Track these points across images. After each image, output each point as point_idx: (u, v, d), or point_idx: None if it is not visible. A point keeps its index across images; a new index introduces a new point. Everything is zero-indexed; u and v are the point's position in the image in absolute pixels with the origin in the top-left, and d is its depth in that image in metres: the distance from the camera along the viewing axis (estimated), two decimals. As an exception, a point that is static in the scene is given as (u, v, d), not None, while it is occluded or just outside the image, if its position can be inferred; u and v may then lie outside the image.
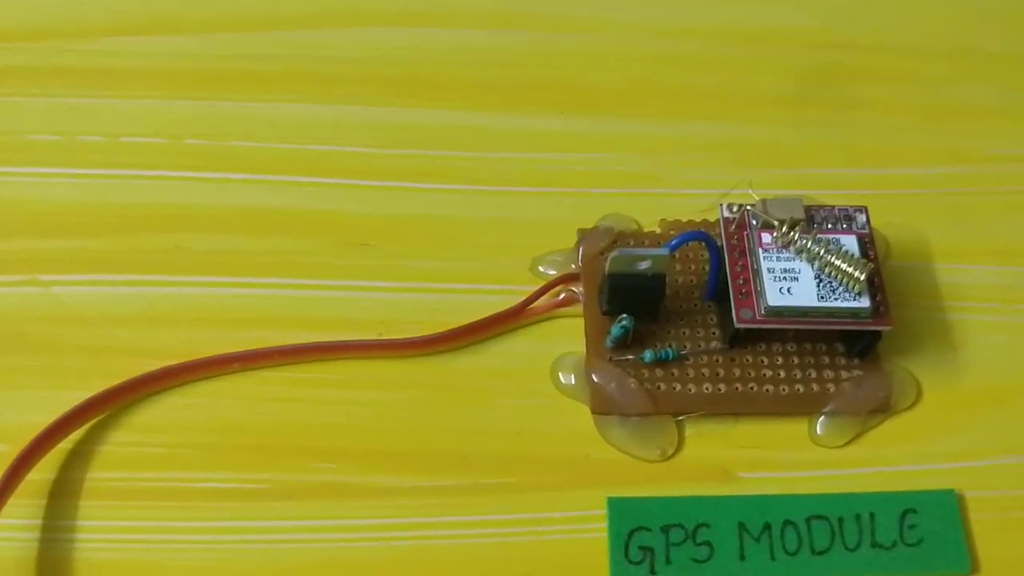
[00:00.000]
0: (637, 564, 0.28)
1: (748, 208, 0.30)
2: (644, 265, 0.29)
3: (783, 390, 0.30)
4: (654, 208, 0.33)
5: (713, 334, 0.31)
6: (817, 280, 0.29)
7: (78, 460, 0.29)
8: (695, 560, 0.28)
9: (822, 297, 0.29)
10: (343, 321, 0.31)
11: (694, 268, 0.32)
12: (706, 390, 0.30)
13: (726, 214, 0.30)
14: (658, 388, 0.30)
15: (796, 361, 0.30)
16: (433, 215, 0.33)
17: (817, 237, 0.29)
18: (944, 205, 0.34)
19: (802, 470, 0.30)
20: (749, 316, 0.29)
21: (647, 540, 0.28)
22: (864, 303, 0.29)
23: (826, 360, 0.30)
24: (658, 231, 0.33)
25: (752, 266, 0.30)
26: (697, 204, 0.33)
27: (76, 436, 0.29)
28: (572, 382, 0.30)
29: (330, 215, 0.33)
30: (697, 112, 0.36)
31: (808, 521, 0.29)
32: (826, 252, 0.29)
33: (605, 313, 0.30)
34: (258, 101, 0.35)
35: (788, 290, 0.29)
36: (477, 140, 0.35)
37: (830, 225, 0.30)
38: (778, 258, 0.29)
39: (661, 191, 0.34)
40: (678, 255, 0.32)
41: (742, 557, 0.28)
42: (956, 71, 0.37)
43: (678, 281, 0.32)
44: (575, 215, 0.33)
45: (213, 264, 0.32)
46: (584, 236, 0.32)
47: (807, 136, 0.35)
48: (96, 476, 0.29)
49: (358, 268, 0.32)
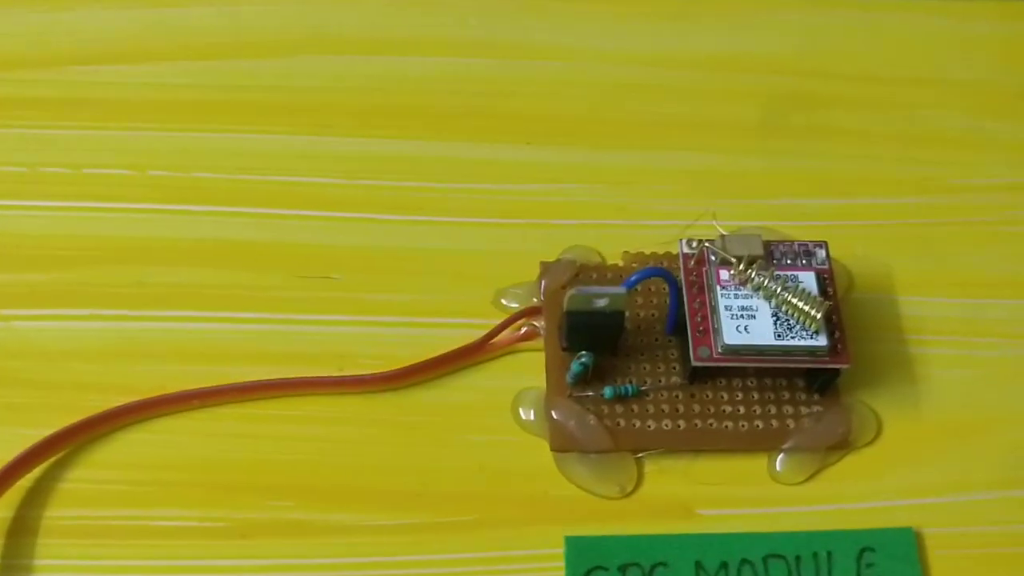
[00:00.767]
0: (594, 603, 0.28)
1: (707, 244, 0.30)
2: (602, 303, 0.29)
3: (743, 426, 0.30)
4: (618, 240, 0.33)
5: (674, 369, 0.31)
6: (774, 318, 0.29)
7: (37, 498, 0.29)
8: (652, 599, 0.28)
9: (779, 335, 0.29)
10: (304, 356, 0.31)
11: (656, 302, 0.32)
12: (666, 426, 0.30)
13: (686, 250, 0.30)
14: (618, 424, 0.30)
15: (756, 397, 0.30)
16: (397, 247, 0.33)
17: (775, 274, 0.29)
18: (908, 236, 0.34)
19: (761, 507, 0.30)
20: (707, 354, 0.29)
21: (604, 579, 0.28)
22: (821, 341, 0.29)
23: (786, 395, 0.30)
24: (620, 264, 0.33)
25: (710, 303, 0.30)
26: (661, 236, 0.33)
27: (35, 474, 0.29)
28: (532, 418, 0.30)
29: (294, 247, 0.33)
30: (663, 141, 0.36)
31: (765, 560, 0.29)
32: (783, 290, 0.29)
33: (565, 349, 0.30)
34: (223, 132, 0.35)
35: (745, 328, 0.29)
36: (441, 171, 0.35)
37: (789, 261, 0.30)
38: (736, 295, 0.29)
39: (625, 222, 0.34)
40: (640, 288, 0.32)
41: (699, 596, 0.28)
42: (922, 99, 0.37)
43: (640, 315, 0.32)
44: (539, 246, 0.33)
45: (176, 298, 0.32)
46: (546, 269, 0.32)
47: (773, 165, 0.35)
48: (55, 514, 0.29)
49: (321, 301, 0.32)
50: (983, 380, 0.32)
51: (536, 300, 0.32)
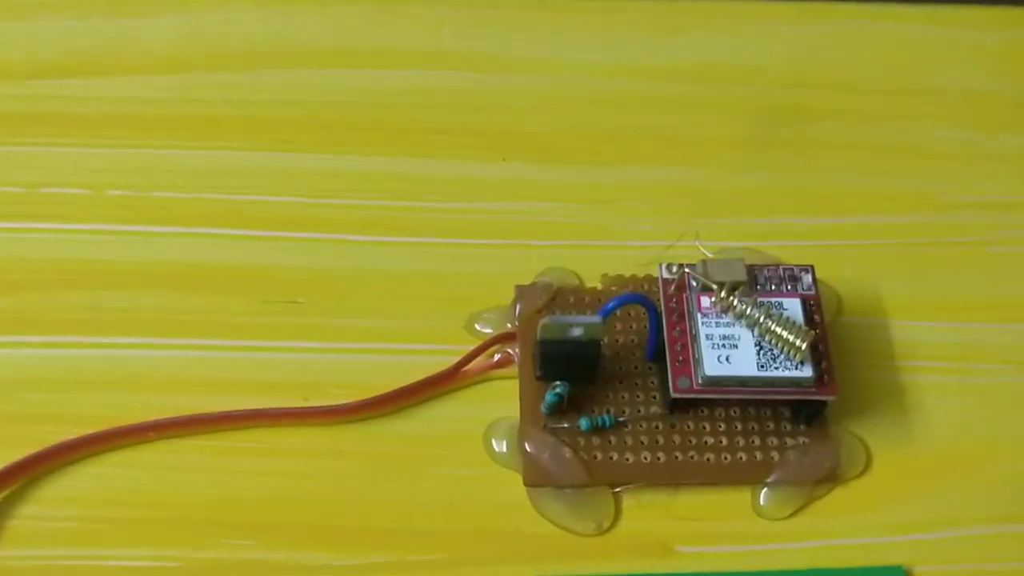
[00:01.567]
0: (569, 648, 0.27)
1: (687, 269, 0.29)
2: (577, 332, 0.27)
3: (725, 459, 0.29)
4: (597, 261, 0.32)
5: (653, 398, 0.29)
6: (758, 348, 0.28)
7: (-15, 537, 0.28)
8: (630, 643, 0.27)
9: (762, 366, 0.27)
10: (268, 385, 0.30)
11: (635, 327, 0.30)
12: (645, 459, 0.29)
13: (665, 275, 0.29)
14: (594, 458, 0.29)
15: (739, 428, 0.29)
16: (365, 269, 0.32)
17: (758, 301, 0.28)
18: (899, 256, 0.33)
19: (745, 543, 0.28)
20: (687, 385, 0.28)
21: (579, 622, 0.27)
22: (807, 372, 0.27)
23: (771, 426, 0.29)
24: (599, 287, 0.31)
25: (691, 331, 0.28)
26: (641, 257, 0.32)
27: (-18, 511, 0.28)
28: (505, 450, 0.29)
29: (257, 270, 0.32)
30: (644, 157, 0.34)
31: (749, 601, 0.27)
32: (767, 318, 0.27)
33: (539, 379, 0.29)
34: (183, 148, 0.34)
35: (727, 359, 0.27)
36: (412, 188, 0.33)
37: (774, 287, 0.29)
38: (717, 323, 0.28)
39: (605, 243, 0.33)
40: (618, 313, 0.30)
41: (679, 640, 0.27)
42: (913, 111, 0.36)
43: (619, 341, 0.30)
44: (514, 268, 0.32)
45: (133, 324, 0.31)
46: (521, 293, 0.31)
47: (759, 181, 0.34)
48: (4, 554, 0.27)
49: (285, 327, 0.31)
50: (978, 408, 0.30)
51: (510, 325, 0.30)
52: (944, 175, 0.34)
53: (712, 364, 0.27)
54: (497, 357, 0.30)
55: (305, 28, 0.36)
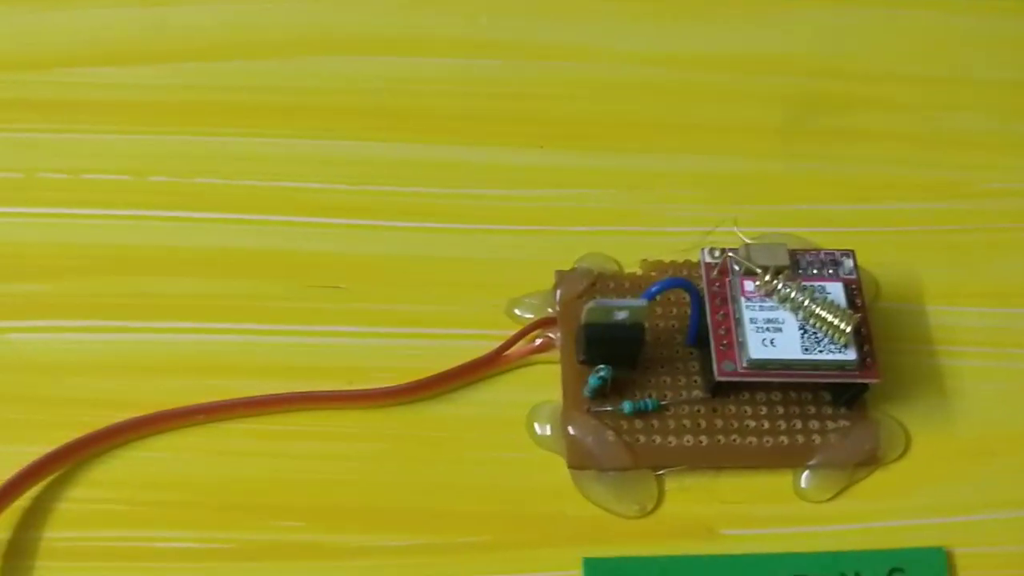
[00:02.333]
0: (614, 629, 0.27)
1: (730, 253, 0.29)
2: (622, 315, 0.28)
3: (767, 442, 0.29)
4: (635, 247, 0.32)
5: (695, 382, 0.30)
6: (802, 331, 0.28)
7: (35, 519, 0.28)
8: (674, 624, 0.27)
9: (807, 349, 0.28)
10: (312, 369, 0.30)
11: (676, 312, 0.31)
12: (687, 442, 0.29)
13: (707, 259, 0.29)
14: (637, 441, 0.29)
15: (781, 411, 0.29)
16: (406, 255, 0.32)
17: (801, 285, 0.28)
18: (937, 243, 0.33)
19: (787, 526, 0.28)
20: (731, 368, 0.28)
21: (624, 603, 0.27)
22: (851, 355, 0.28)
23: (812, 410, 0.29)
24: (639, 273, 0.31)
25: (734, 315, 0.28)
26: (680, 243, 0.32)
27: (32, 493, 0.28)
28: (548, 433, 0.29)
29: (299, 256, 0.32)
30: (680, 144, 0.34)
31: (792, 582, 0.28)
32: (810, 302, 0.28)
33: (582, 362, 0.29)
34: (224, 135, 0.34)
35: (771, 342, 0.28)
36: (451, 175, 0.33)
37: (815, 271, 0.29)
38: (761, 307, 0.28)
39: (643, 229, 0.33)
40: (659, 298, 0.30)
41: (723, 621, 0.27)
42: (951, 99, 0.36)
43: (659, 326, 0.30)
44: (553, 254, 0.32)
45: (177, 309, 0.31)
46: (562, 278, 0.31)
47: (796, 169, 0.34)
48: (53, 535, 0.28)
49: (328, 312, 0.31)
50: (1016, 393, 0.30)
51: (551, 310, 0.31)
52: (981, 163, 0.34)
53: (757, 347, 0.28)
54: (538, 342, 0.30)
55: (343, 15, 0.36)
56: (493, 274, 0.32)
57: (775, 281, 0.28)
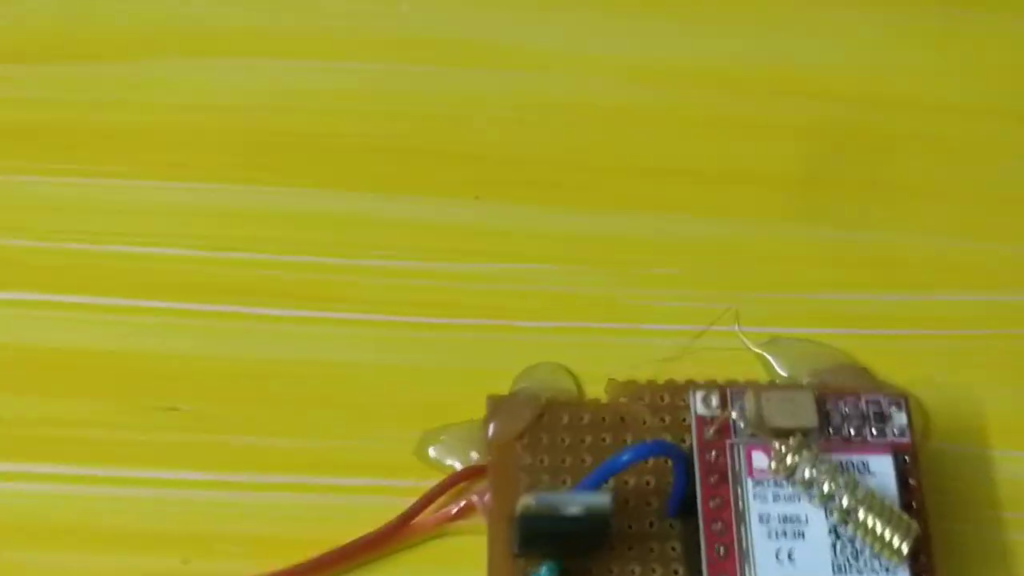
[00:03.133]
0: None
1: (733, 412, 0.21)
2: (574, 510, 0.20)
3: (773, 667, 0.21)
4: (601, 352, 0.25)
5: (675, 572, 0.22)
6: (833, 536, 0.20)
7: None
8: None
9: (840, 568, 0.20)
10: (137, 537, 0.22)
11: (650, 465, 0.22)
12: (662, 667, 0.21)
13: (701, 409, 0.21)
14: (594, 664, 0.21)
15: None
16: (277, 359, 0.25)
17: (836, 468, 0.20)
18: (1006, 353, 0.25)
19: None
20: (731, 592, 0.20)
21: None
22: (903, 576, 0.20)
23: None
24: (604, 399, 0.24)
25: (736, 504, 0.20)
26: (662, 346, 0.25)
27: None
28: (467, 649, 0.21)
29: (125, 359, 0.24)
30: (667, 199, 0.27)
31: None
32: (855, 501, 0.19)
33: (518, 556, 0.21)
34: (29, 173, 0.26)
35: (790, 555, 0.20)
36: (345, 238, 0.26)
37: (852, 431, 0.21)
38: (776, 495, 0.20)
39: (612, 326, 0.25)
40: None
41: None
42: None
43: (628, 484, 0.22)
44: (487, 362, 0.25)
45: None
46: (496, 408, 0.23)
47: (816, 239, 0.27)
48: None
49: (160, 446, 0.23)
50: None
51: (477, 456, 0.23)
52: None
53: (768, 564, 0.20)
54: (460, 505, 0.22)
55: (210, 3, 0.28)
56: (399, 393, 0.24)
57: (796, 457, 0.20)
